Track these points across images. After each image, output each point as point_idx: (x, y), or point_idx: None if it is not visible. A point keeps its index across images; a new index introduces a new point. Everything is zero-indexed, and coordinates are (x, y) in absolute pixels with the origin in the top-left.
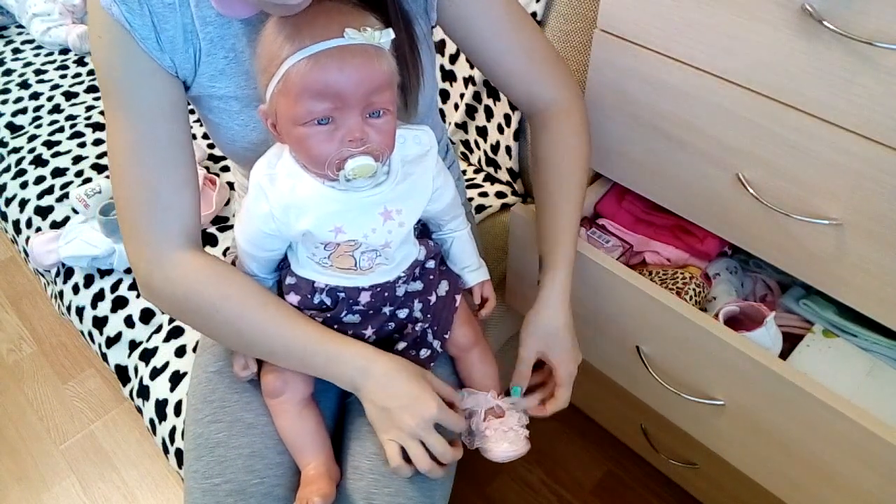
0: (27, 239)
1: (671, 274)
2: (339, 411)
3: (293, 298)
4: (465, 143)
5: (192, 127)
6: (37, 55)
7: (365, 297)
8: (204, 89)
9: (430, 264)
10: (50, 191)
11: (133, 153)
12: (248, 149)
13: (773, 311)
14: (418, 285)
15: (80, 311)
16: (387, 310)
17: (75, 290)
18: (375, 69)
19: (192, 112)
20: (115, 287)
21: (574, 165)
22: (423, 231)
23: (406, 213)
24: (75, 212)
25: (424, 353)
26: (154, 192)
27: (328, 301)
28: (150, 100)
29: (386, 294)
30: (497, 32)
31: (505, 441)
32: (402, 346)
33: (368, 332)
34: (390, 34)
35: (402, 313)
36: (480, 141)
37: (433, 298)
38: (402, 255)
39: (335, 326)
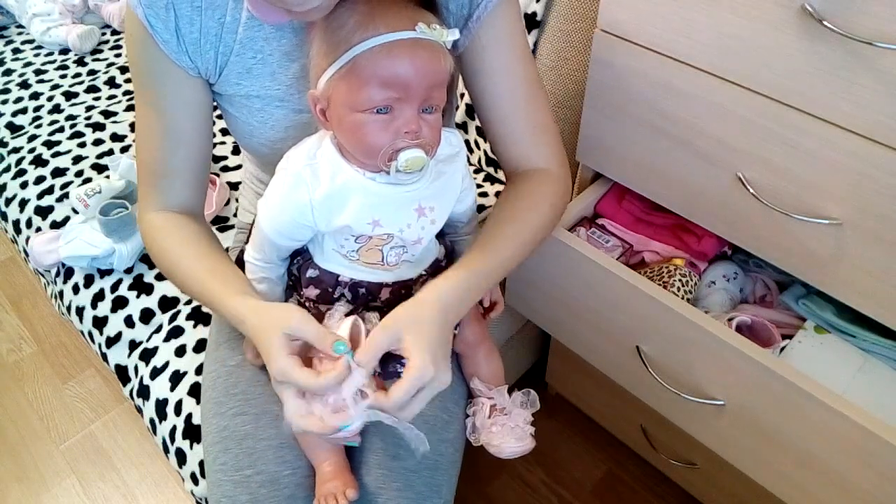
0: (27, 239)
1: (657, 270)
2: None
3: (312, 292)
4: (466, 144)
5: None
6: (37, 55)
7: (385, 294)
8: (230, 87)
9: (444, 263)
10: (50, 191)
11: (147, 135)
12: (263, 144)
13: (773, 308)
14: (421, 285)
15: (80, 311)
16: None
17: (75, 290)
18: (440, 65)
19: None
20: (115, 287)
21: (538, 213)
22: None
23: (438, 210)
24: (75, 212)
25: None
26: (153, 170)
27: (349, 296)
28: (166, 95)
29: (404, 292)
30: (510, 97)
31: (512, 437)
32: None
33: None
34: (455, 34)
35: None
36: (480, 141)
37: None
38: (425, 253)
39: None
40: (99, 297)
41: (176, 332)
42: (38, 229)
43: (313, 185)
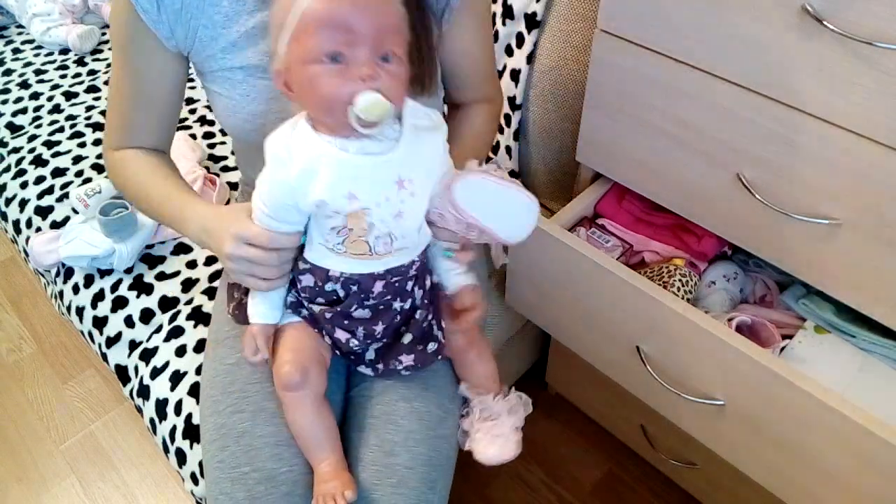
0: (27, 239)
1: (657, 270)
2: (342, 405)
3: (306, 286)
4: None
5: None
6: (37, 55)
7: (378, 287)
8: (216, 61)
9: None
10: (50, 191)
11: (119, 89)
12: (246, 119)
13: (773, 308)
14: (414, 271)
15: (80, 311)
16: (396, 305)
17: (75, 290)
18: (388, 7)
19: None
20: (115, 287)
21: (489, 123)
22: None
23: (418, 182)
24: (75, 212)
25: (432, 346)
26: (122, 117)
27: (341, 292)
28: (142, 61)
29: (397, 285)
30: (475, 52)
31: (494, 445)
32: (408, 338)
33: (379, 327)
34: None
35: (407, 304)
36: None
37: (429, 282)
38: (417, 238)
39: (346, 322)
40: (99, 297)
41: (176, 332)
42: (38, 229)
43: (289, 164)
